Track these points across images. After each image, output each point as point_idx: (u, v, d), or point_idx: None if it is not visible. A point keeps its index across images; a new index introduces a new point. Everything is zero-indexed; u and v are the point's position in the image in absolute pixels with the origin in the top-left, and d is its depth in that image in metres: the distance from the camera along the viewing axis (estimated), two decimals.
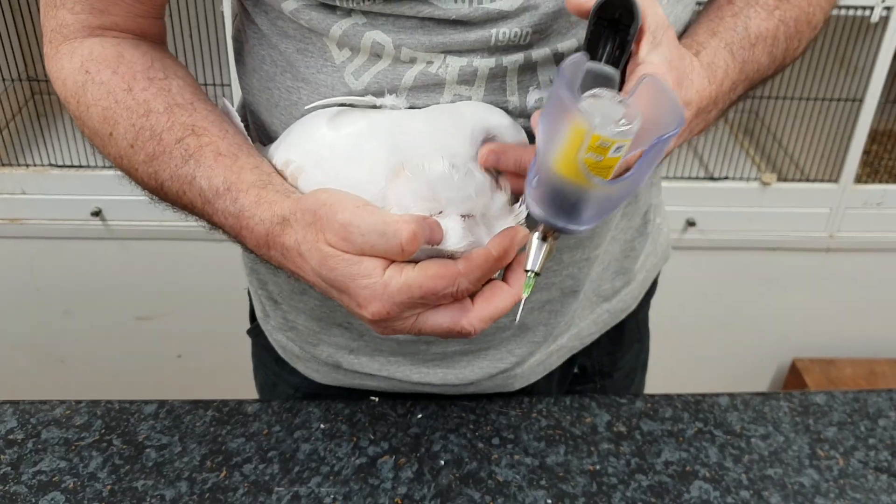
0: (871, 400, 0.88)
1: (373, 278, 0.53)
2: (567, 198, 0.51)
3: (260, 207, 0.59)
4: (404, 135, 0.59)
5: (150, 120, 0.63)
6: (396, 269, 0.53)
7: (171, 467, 0.76)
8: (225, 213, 0.60)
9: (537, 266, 0.55)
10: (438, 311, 0.55)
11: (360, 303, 0.55)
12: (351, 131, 0.60)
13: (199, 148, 0.62)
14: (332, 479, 0.76)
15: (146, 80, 0.65)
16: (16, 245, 1.72)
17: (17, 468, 0.76)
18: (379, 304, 0.54)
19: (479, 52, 0.61)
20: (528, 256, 0.56)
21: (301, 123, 0.65)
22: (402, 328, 0.56)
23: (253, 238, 0.60)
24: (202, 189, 0.61)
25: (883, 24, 1.57)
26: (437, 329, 0.56)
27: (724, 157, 1.77)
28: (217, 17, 1.55)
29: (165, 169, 0.63)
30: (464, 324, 0.55)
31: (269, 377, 0.92)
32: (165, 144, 0.62)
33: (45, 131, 1.76)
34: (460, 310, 0.55)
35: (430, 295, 0.53)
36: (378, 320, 0.55)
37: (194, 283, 1.79)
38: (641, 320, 0.97)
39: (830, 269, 1.84)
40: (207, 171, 0.61)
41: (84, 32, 0.67)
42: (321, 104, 0.63)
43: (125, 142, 0.64)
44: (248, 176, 0.60)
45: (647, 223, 0.86)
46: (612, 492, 0.76)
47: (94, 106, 0.65)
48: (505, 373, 0.82)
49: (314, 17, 0.62)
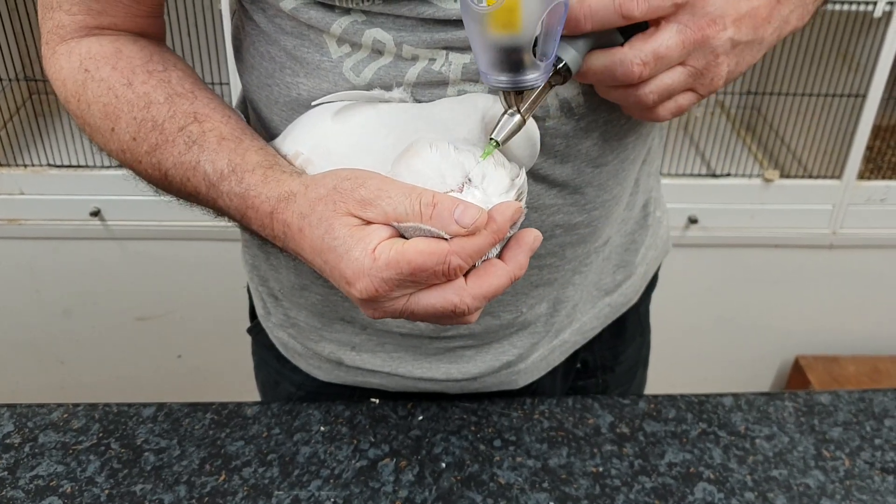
0: (876, 400, 0.87)
1: (366, 250, 0.52)
2: (492, 46, 0.52)
3: (267, 185, 0.58)
4: (412, 124, 0.59)
5: (152, 111, 0.63)
6: (387, 245, 0.52)
7: (170, 471, 0.75)
8: (230, 195, 0.60)
9: (498, 135, 0.55)
10: (430, 291, 0.53)
11: (348, 279, 0.53)
12: (358, 122, 0.60)
13: (202, 134, 0.61)
14: (332, 482, 0.75)
15: (145, 74, 0.64)
16: (14, 246, 1.72)
17: (13, 473, 0.75)
18: (367, 279, 0.52)
19: None
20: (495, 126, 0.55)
21: (306, 117, 0.64)
22: (392, 309, 0.54)
23: (258, 218, 0.59)
24: (206, 173, 0.60)
25: (886, 19, 1.56)
26: (429, 310, 0.54)
27: (727, 153, 1.77)
28: (215, 14, 1.54)
29: (169, 157, 0.62)
30: (456, 301, 0.53)
31: (271, 375, 0.92)
32: (168, 133, 0.62)
33: (43, 131, 1.76)
34: (453, 288, 0.53)
35: (419, 271, 0.51)
36: (367, 299, 0.53)
37: (194, 284, 1.79)
38: (643, 314, 0.96)
39: (833, 266, 1.84)
40: (212, 155, 0.61)
41: (81, 32, 0.67)
42: (328, 99, 0.62)
43: (127, 135, 0.64)
44: (253, 157, 0.60)
45: (648, 216, 0.86)
46: (616, 494, 0.75)
47: (95, 103, 0.65)
48: (509, 368, 0.81)
49: (313, 15, 0.62)
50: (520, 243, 0.56)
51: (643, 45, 0.56)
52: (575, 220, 0.72)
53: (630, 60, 0.56)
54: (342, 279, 0.54)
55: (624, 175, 0.73)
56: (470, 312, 0.54)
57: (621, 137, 0.70)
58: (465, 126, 0.58)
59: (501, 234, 0.53)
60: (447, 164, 0.55)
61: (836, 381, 1.87)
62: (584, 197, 0.71)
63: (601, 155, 0.69)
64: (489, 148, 0.55)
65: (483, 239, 0.52)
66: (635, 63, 0.56)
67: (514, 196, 0.56)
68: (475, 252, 0.52)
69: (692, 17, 0.56)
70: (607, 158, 0.70)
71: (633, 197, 0.81)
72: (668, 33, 0.56)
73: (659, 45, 0.56)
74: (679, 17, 0.56)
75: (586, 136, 0.67)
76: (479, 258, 0.53)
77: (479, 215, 0.52)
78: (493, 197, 0.55)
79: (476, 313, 0.55)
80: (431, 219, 0.52)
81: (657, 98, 0.58)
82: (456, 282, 0.53)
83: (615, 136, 0.69)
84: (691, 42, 0.56)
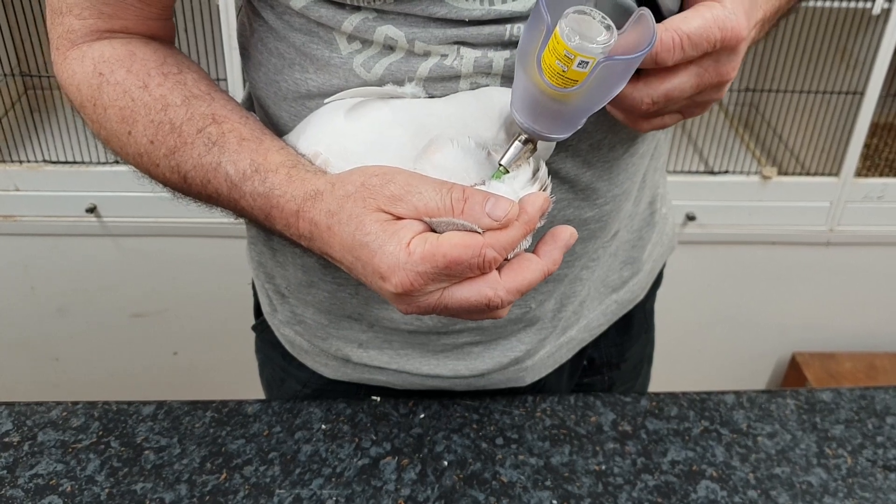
0: (878, 397, 0.87)
1: (401, 245, 0.52)
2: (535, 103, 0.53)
3: (292, 185, 0.58)
4: (428, 120, 0.58)
5: (169, 114, 0.62)
6: (421, 239, 0.52)
7: (171, 470, 0.75)
8: (254, 195, 0.59)
9: (507, 161, 0.56)
10: (464, 285, 0.53)
11: (383, 274, 0.53)
12: (372, 119, 0.60)
13: (221, 135, 0.61)
14: (333, 480, 0.75)
15: (161, 76, 0.64)
16: (9, 242, 1.71)
17: (13, 471, 0.74)
18: (403, 273, 0.52)
19: (494, 46, 0.60)
20: (504, 152, 0.56)
21: (318, 116, 0.64)
22: (426, 304, 0.54)
23: (283, 217, 0.58)
24: (228, 174, 0.60)
25: (884, 16, 1.56)
26: (463, 304, 0.54)
27: (724, 151, 1.77)
28: (213, 11, 1.53)
29: (188, 160, 0.62)
30: (491, 295, 0.53)
31: (277, 373, 0.91)
32: (186, 136, 0.62)
33: (38, 127, 1.75)
34: (487, 282, 0.53)
35: (454, 265, 0.51)
36: (401, 293, 0.53)
37: (190, 280, 1.78)
38: (648, 311, 0.96)
39: (831, 262, 1.84)
40: (233, 156, 0.60)
41: (92, 36, 0.66)
42: (340, 96, 0.62)
43: (145, 138, 0.63)
44: (276, 157, 0.60)
45: (654, 213, 0.86)
46: (618, 492, 0.75)
47: (112, 107, 0.64)
48: (516, 364, 0.81)
49: (324, 13, 0.61)
50: (556, 238, 0.56)
51: (659, 85, 0.55)
52: (586, 214, 0.72)
53: (641, 98, 0.56)
54: (376, 274, 0.53)
55: (634, 169, 0.73)
56: (503, 306, 0.54)
57: (631, 131, 0.69)
58: (483, 121, 0.58)
59: (533, 225, 0.53)
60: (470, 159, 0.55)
61: (833, 378, 1.87)
62: (594, 192, 0.71)
63: (611, 148, 0.69)
64: (498, 173, 0.56)
65: (516, 231, 0.53)
66: (645, 101, 0.56)
67: (537, 188, 0.56)
68: (509, 244, 0.53)
69: (715, 64, 0.56)
70: (617, 152, 0.70)
71: (640, 192, 0.81)
72: (686, 77, 0.55)
73: (673, 88, 0.55)
74: (702, 62, 0.55)
75: (596, 130, 0.67)
76: (512, 250, 0.53)
77: (510, 208, 0.52)
78: (518, 190, 0.55)
79: (508, 308, 0.55)
80: (463, 213, 0.52)
81: (649, 121, 0.59)
82: (490, 275, 0.53)
83: (625, 130, 0.69)
84: (706, 85, 0.56)
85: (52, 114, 1.76)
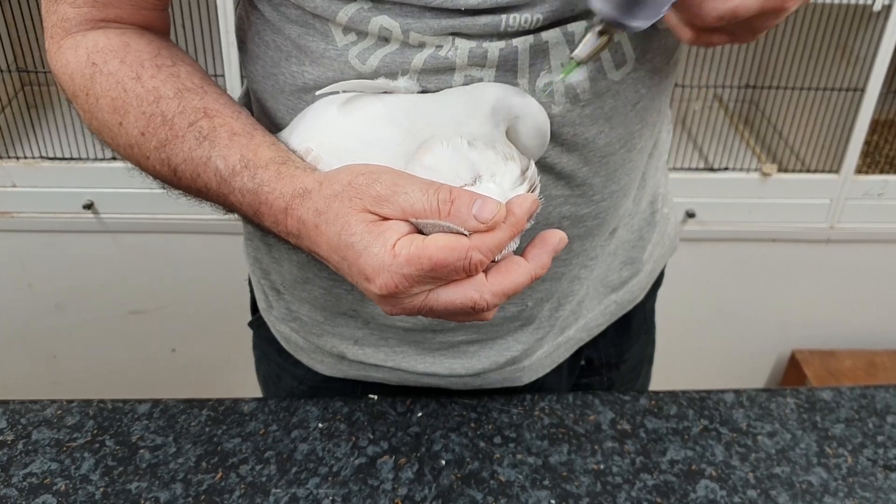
0: (878, 396, 0.86)
1: (386, 246, 0.51)
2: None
3: (280, 181, 0.57)
4: (420, 117, 0.58)
5: (161, 106, 0.62)
6: (407, 241, 0.51)
7: (166, 468, 0.74)
8: (242, 191, 0.59)
9: (583, 54, 0.54)
10: (450, 288, 0.53)
11: (368, 275, 0.52)
12: (364, 115, 0.59)
13: (212, 129, 0.61)
14: (330, 479, 0.74)
15: (154, 68, 0.63)
16: (6, 239, 1.70)
17: (6, 470, 0.74)
18: (387, 275, 0.51)
19: (489, 37, 0.60)
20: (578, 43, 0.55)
21: (311, 110, 0.63)
22: (411, 305, 0.54)
23: (271, 214, 0.58)
24: (218, 169, 0.60)
25: (885, 13, 1.55)
26: (449, 306, 0.53)
27: (724, 147, 1.76)
28: (210, 5, 1.52)
29: (178, 153, 0.61)
30: (476, 298, 0.52)
31: (273, 369, 0.91)
32: (178, 129, 0.61)
33: (35, 123, 1.74)
34: (473, 285, 0.53)
35: (439, 267, 0.51)
36: (386, 295, 0.53)
37: (187, 277, 1.78)
38: (648, 311, 0.96)
39: (831, 260, 1.83)
40: (223, 151, 0.60)
41: (87, 25, 0.65)
42: (331, 89, 0.61)
43: (136, 130, 0.63)
44: (266, 153, 0.59)
45: (655, 212, 0.85)
46: (617, 492, 0.74)
47: (104, 97, 0.63)
48: (513, 364, 0.80)
49: (319, 3, 0.61)
50: (545, 242, 0.55)
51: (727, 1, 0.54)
52: (582, 211, 0.71)
53: (707, 13, 0.54)
54: (361, 276, 0.53)
55: (632, 166, 0.73)
56: (489, 309, 0.53)
57: (628, 126, 0.69)
58: (475, 118, 0.57)
59: (520, 227, 0.53)
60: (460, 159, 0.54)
61: (833, 376, 1.87)
62: (591, 188, 0.70)
63: (608, 144, 0.68)
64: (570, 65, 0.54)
65: (503, 233, 0.52)
66: (713, 15, 0.54)
67: (526, 188, 0.55)
68: (496, 246, 0.52)
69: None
70: (614, 147, 0.69)
71: (640, 191, 0.80)
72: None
73: (740, 5, 0.54)
74: None
75: (592, 124, 0.66)
76: (498, 252, 0.53)
77: (497, 209, 0.51)
78: (507, 191, 0.54)
79: (494, 310, 0.54)
80: (450, 215, 0.51)
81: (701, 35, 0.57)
82: (476, 278, 0.53)
83: (621, 125, 0.68)
84: (769, 9, 0.55)
85: (48, 110, 1.76)
